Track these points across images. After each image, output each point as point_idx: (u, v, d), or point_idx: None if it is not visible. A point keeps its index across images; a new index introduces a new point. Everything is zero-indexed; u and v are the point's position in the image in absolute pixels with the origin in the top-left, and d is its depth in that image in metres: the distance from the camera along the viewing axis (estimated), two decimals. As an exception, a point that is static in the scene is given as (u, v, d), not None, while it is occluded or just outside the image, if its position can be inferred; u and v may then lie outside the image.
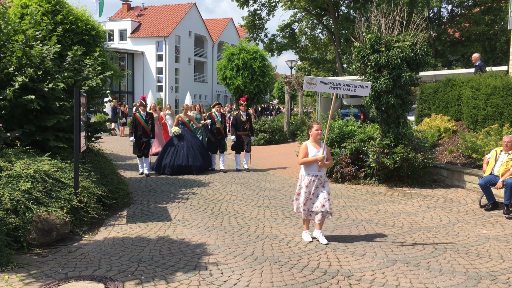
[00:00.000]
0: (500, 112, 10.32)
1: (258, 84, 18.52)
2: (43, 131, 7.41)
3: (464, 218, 7.25)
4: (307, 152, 5.83)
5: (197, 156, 11.45)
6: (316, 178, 5.83)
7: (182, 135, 11.55)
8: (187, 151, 11.33)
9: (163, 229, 6.49)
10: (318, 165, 5.79)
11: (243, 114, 11.84)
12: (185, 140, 11.51)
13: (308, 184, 5.83)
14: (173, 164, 11.13)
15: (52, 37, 7.80)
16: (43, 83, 7.15)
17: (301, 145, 5.89)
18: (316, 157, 5.77)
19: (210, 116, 12.06)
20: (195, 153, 11.46)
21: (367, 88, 6.21)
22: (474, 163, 9.87)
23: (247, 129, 11.91)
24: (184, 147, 11.38)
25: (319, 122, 6.09)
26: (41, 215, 5.57)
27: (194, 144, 11.64)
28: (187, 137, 11.60)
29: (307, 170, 5.87)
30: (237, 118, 11.87)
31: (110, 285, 4.46)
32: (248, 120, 11.88)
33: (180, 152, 11.30)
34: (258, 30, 37.38)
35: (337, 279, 4.71)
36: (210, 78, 55.49)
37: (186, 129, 11.76)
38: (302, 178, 5.91)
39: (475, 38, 30.28)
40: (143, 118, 10.90)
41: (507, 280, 4.70)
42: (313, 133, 5.90)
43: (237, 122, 11.81)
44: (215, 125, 11.83)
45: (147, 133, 10.92)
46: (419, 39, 9.27)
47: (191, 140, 11.64)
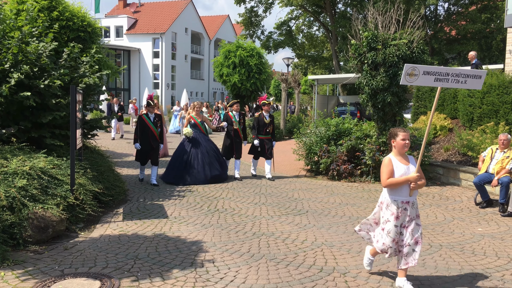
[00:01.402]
0: (495, 110, 10.37)
1: (255, 81, 18.51)
2: (39, 128, 7.39)
3: (459, 216, 7.28)
4: (392, 169, 4.33)
5: (213, 163, 9.84)
6: (408, 205, 4.33)
7: (195, 139, 9.94)
8: (202, 160, 9.75)
9: (160, 226, 6.49)
10: (410, 187, 4.31)
11: (266, 116, 10.39)
12: (200, 147, 9.87)
13: (398, 215, 4.32)
14: (186, 175, 9.62)
15: (49, 34, 7.78)
16: (39, 80, 7.13)
17: (383, 161, 4.43)
18: (408, 177, 4.27)
19: (227, 117, 10.52)
20: (211, 161, 9.84)
21: (481, 78, 4.75)
22: (469, 161, 9.92)
23: (269, 132, 10.48)
24: (198, 154, 9.80)
25: (405, 128, 4.54)
26: (37, 212, 5.56)
27: (209, 149, 10.00)
28: (201, 141, 9.97)
29: (395, 195, 4.34)
30: (260, 119, 10.40)
31: (106, 282, 4.47)
32: (271, 122, 10.46)
33: (193, 160, 9.75)
34: (254, 27, 37.37)
35: (333, 276, 4.73)
36: (206, 75, 55.45)
37: (198, 132, 10.08)
38: (388, 207, 4.38)
39: (472, 36, 30.37)
40: (151, 120, 9.35)
41: (502, 277, 4.73)
42: (398, 144, 4.40)
43: (259, 125, 10.35)
44: (232, 126, 10.37)
45: (155, 138, 9.40)
46: (416, 37, 9.30)
47: (206, 145, 9.98)
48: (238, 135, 10.45)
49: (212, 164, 9.80)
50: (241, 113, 10.62)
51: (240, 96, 19.14)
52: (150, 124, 9.32)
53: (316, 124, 11.98)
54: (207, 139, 10.21)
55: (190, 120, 10.08)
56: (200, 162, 9.70)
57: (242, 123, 10.52)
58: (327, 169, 10.36)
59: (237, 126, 10.40)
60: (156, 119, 9.45)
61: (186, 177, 9.56)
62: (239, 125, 10.45)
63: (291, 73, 22.42)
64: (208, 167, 9.71)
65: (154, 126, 9.34)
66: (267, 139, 10.44)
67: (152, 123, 9.34)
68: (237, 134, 10.42)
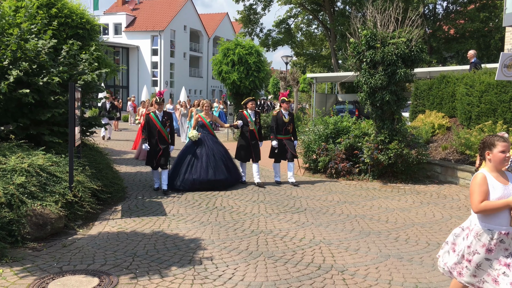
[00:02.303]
0: (493, 109, 10.39)
1: (254, 79, 18.50)
2: (37, 125, 7.38)
3: (457, 214, 7.31)
4: (487, 190, 3.37)
5: (219, 167, 8.91)
6: (507, 237, 3.37)
7: (201, 141, 9.06)
8: (206, 162, 8.84)
9: (158, 224, 6.50)
10: (510, 214, 3.35)
11: (285, 114, 9.53)
12: (205, 147, 8.99)
13: (491, 247, 3.37)
14: (188, 178, 8.71)
15: (48, 31, 7.77)
16: (38, 77, 7.12)
17: (475, 178, 3.44)
18: (508, 201, 3.31)
19: (242, 116, 9.54)
20: (217, 164, 8.92)
21: None
22: (467, 159, 9.94)
23: (290, 131, 9.61)
24: (203, 156, 8.88)
25: (505, 137, 3.54)
26: (35, 209, 5.56)
27: (216, 152, 9.07)
28: (208, 143, 9.08)
29: (489, 223, 3.39)
30: (278, 118, 9.50)
31: (104, 279, 4.48)
32: (291, 120, 9.59)
33: (197, 163, 8.83)
34: (253, 25, 37.33)
35: (331, 274, 4.75)
36: (205, 73, 55.41)
37: (207, 133, 9.21)
38: (477, 236, 3.42)
39: (470, 35, 30.40)
40: (159, 119, 8.61)
41: (499, 275, 4.75)
42: (495, 157, 3.42)
43: (277, 123, 9.48)
44: (248, 126, 9.41)
45: (164, 138, 8.63)
46: (414, 35, 9.31)
47: (213, 147, 9.08)
48: (255, 136, 9.48)
49: (217, 168, 8.86)
50: (256, 112, 9.63)
51: (239, 94, 19.12)
52: (158, 123, 8.58)
53: (315, 122, 11.99)
54: (215, 141, 9.31)
55: (198, 120, 9.24)
56: (204, 164, 8.79)
57: (258, 123, 9.57)
58: (325, 167, 10.38)
59: (253, 127, 9.43)
60: (165, 118, 8.70)
61: (186, 180, 8.71)
62: (255, 125, 9.49)
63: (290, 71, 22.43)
64: (212, 171, 8.77)
65: (162, 126, 8.60)
66: (287, 139, 9.60)
67: (161, 122, 8.59)
68: (253, 135, 9.45)
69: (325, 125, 11.09)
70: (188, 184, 8.67)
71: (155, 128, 8.56)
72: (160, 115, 8.65)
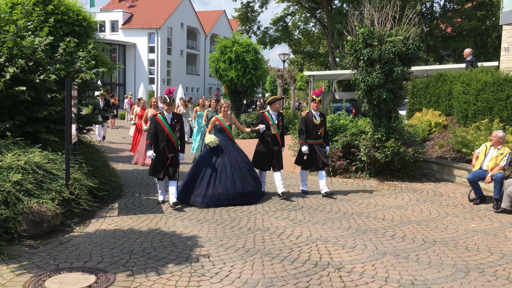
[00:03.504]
0: (490, 107, 10.42)
1: (251, 77, 18.50)
2: (34, 123, 7.37)
3: (453, 212, 7.34)
4: None
5: (246, 178, 7.72)
6: None
7: (221, 148, 7.81)
8: (231, 172, 7.63)
9: (155, 221, 6.50)
10: None
11: (316, 115, 8.34)
12: (227, 155, 7.76)
13: None
14: (212, 193, 7.43)
15: (44, 28, 7.74)
16: (35, 74, 7.10)
17: None
18: None
19: (263, 118, 8.21)
20: (243, 174, 7.72)
21: None
22: (464, 157, 9.97)
23: (321, 135, 8.40)
24: (226, 166, 7.66)
25: None
26: (32, 206, 5.55)
27: (240, 160, 7.84)
28: (229, 150, 7.84)
29: None
30: (307, 120, 8.32)
31: (101, 276, 4.48)
32: (322, 123, 8.41)
33: (221, 175, 7.60)
34: (250, 23, 37.29)
35: (328, 271, 4.76)
36: (202, 70, 55.32)
37: (226, 138, 7.96)
38: None
39: (467, 33, 30.46)
40: (168, 122, 7.36)
41: (495, 272, 4.78)
42: None
43: (307, 126, 8.29)
44: (270, 130, 8.13)
45: (173, 145, 7.38)
46: (412, 33, 9.31)
47: (236, 155, 7.86)
48: (277, 141, 8.22)
49: (244, 179, 7.69)
50: (279, 114, 8.36)
51: (236, 92, 19.11)
52: (167, 127, 7.31)
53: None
54: (236, 147, 8.06)
55: (215, 123, 7.97)
56: (230, 176, 7.58)
57: (281, 126, 8.32)
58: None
59: (275, 131, 8.16)
60: (175, 121, 7.41)
61: (211, 195, 7.43)
62: (278, 129, 8.23)
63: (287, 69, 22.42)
64: (240, 183, 7.59)
65: (171, 130, 7.33)
66: (318, 144, 8.35)
67: (170, 126, 7.33)
68: (275, 140, 8.19)
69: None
70: (214, 200, 7.40)
71: (163, 133, 7.30)
72: (169, 118, 7.39)
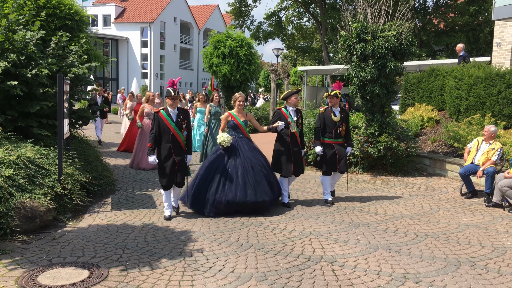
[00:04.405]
0: (482, 102, 10.49)
1: (244, 72, 18.45)
2: (26, 117, 7.32)
3: (445, 206, 7.39)
4: None
5: (260, 184, 6.66)
6: None
7: (234, 148, 6.81)
8: (243, 177, 6.60)
9: (148, 216, 6.49)
10: None
11: (335, 111, 7.40)
12: (240, 157, 6.75)
13: None
14: (219, 200, 6.48)
15: (36, 22, 7.67)
16: (26, 68, 7.05)
17: None
18: None
19: (280, 114, 7.21)
20: (257, 180, 6.67)
21: None
22: (456, 152, 10.04)
23: (341, 134, 7.46)
24: (238, 169, 6.65)
25: None
26: (24, 201, 5.53)
27: (255, 162, 6.79)
28: (243, 151, 6.83)
29: None
30: (325, 116, 7.40)
31: (95, 271, 4.47)
32: (343, 120, 7.43)
33: (231, 179, 6.59)
34: (244, 17, 37.21)
35: (321, 265, 4.79)
36: (195, 65, 55.13)
37: (240, 137, 6.97)
38: None
39: (460, 28, 30.55)
40: (173, 119, 6.30)
41: (486, 266, 4.83)
42: None
43: (325, 123, 7.39)
44: (288, 128, 7.14)
45: (180, 146, 6.36)
46: (404, 28, 9.34)
47: (250, 157, 6.81)
48: (296, 141, 7.20)
49: (259, 186, 6.63)
50: (298, 110, 7.37)
51: (229, 87, 19.05)
52: (172, 125, 6.26)
53: (305, 115, 12.01)
54: (253, 147, 7.01)
55: (228, 119, 7.01)
56: (240, 180, 6.57)
57: (300, 123, 7.34)
58: (315, 160, 10.40)
59: (294, 129, 7.16)
60: (181, 117, 6.36)
61: (218, 203, 6.49)
62: (297, 127, 7.26)
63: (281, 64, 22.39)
64: (252, 190, 6.55)
65: (177, 128, 6.30)
66: (338, 144, 7.41)
67: (175, 124, 6.29)
68: (294, 139, 7.17)
69: (316, 118, 11.10)
70: (221, 208, 6.52)
71: (167, 132, 6.25)
72: (174, 114, 6.33)
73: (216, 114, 10.74)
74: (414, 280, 4.42)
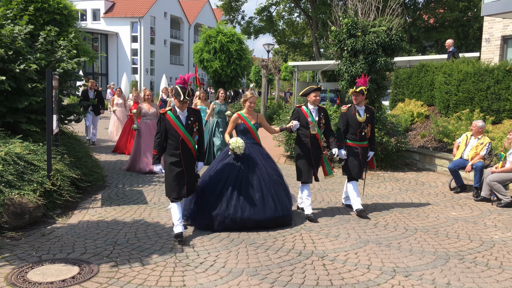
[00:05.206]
0: (471, 97, 10.58)
1: (235, 67, 18.42)
2: (14, 113, 7.23)
3: (434, 200, 7.46)
4: None
5: (281, 197, 5.90)
6: None
7: (246, 155, 5.90)
8: (260, 190, 5.76)
9: (139, 212, 6.47)
10: None
11: (360, 110, 6.59)
12: (256, 165, 5.90)
13: None
14: (233, 216, 5.61)
15: (24, 16, 7.58)
16: (14, 63, 6.96)
17: None
18: None
19: (299, 113, 6.36)
20: (277, 191, 5.88)
21: None
22: (445, 147, 10.13)
23: (366, 136, 6.64)
24: (253, 180, 5.79)
25: None
26: (13, 198, 5.48)
27: (271, 171, 5.98)
28: (258, 158, 5.96)
29: None
30: (349, 116, 6.59)
31: (85, 267, 4.45)
32: (369, 120, 6.61)
33: (245, 192, 5.72)
34: (235, 12, 37.10)
35: (311, 259, 4.81)
36: (186, 60, 54.87)
37: (251, 142, 6.04)
38: None
39: (449, 24, 30.75)
40: (182, 122, 5.38)
41: (474, 259, 4.88)
42: None
43: (348, 124, 6.58)
44: (308, 129, 6.29)
45: (191, 152, 5.45)
46: (395, 24, 9.38)
47: (266, 164, 5.98)
48: (318, 144, 6.37)
49: (280, 198, 5.87)
50: (321, 108, 6.48)
51: (220, 82, 19.00)
52: (181, 128, 5.34)
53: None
54: (266, 154, 6.15)
55: (237, 122, 6.05)
56: (258, 193, 5.74)
57: (323, 124, 6.45)
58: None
59: (315, 130, 6.29)
60: (192, 119, 5.43)
61: (232, 219, 5.62)
62: (319, 128, 6.38)
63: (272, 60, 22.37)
64: (272, 203, 5.75)
65: (187, 132, 5.37)
66: (362, 147, 6.60)
67: (184, 127, 5.37)
68: (315, 142, 6.33)
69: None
70: (236, 226, 5.65)
71: (176, 137, 5.35)
72: (184, 116, 5.42)
73: (220, 113, 10.07)
74: (403, 274, 4.46)
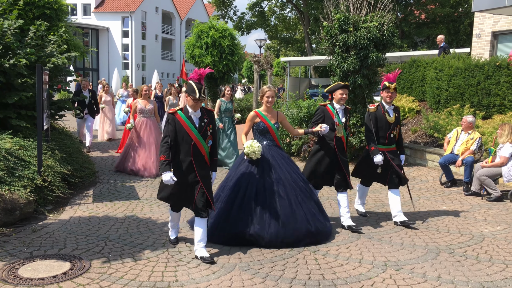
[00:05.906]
0: (461, 93, 10.65)
1: (227, 63, 18.36)
2: (4, 109, 7.16)
3: (425, 195, 7.52)
4: None
5: (310, 207, 5.20)
6: None
7: (266, 159, 5.19)
8: (288, 199, 5.06)
9: (131, 208, 6.45)
10: None
11: (389, 110, 5.90)
12: (278, 172, 5.16)
13: None
14: (262, 235, 4.91)
15: (13, 11, 7.50)
16: (4, 58, 6.89)
17: None
18: None
19: (325, 113, 5.72)
20: (306, 201, 5.19)
21: None
22: (436, 142, 10.20)
23: (394, 139, 5.98)
24: (275, 191, 5.06)
25: None
26: (3, 194, 5.44)
27: (297, 178, 5.28)
28: (280, 163, 5.25)
29: None
30: (378, 116, 5.86)
31: (76, 263, 4.44)
32: (398, 121, 5.96)
33: (272, 204, 5.00)
34: (226, 7, 36.94)
35: (304, 254, 4.83)
36: (178, 56, 54.66)
37: (270, 144, 5.34)
38: None
39: (440, 20, 30.87)
40: (195, 124, 4.68)
41: (464, 253, 4.94)
42: None
43: (377, 125, 5.86)
44: (334, 131, 5.66)
45: (204, 159, 4.74)
46: (386, 20, 9.39)
47: (290, 170, 5.27)
48: (343, 147, 5.74)
49: (309, 209, 5.16)
50: (347, 109, 5.89)
51: (212, 78, 18.93)
52: (193, 131, 4.65)
53: (288, 106, 12.03)
54: (288, 158, 5.45)
55: (255, 121, 5.33)
56: (279, 206, 5.00)
57: (348, 127, 6.06)
58: (298, 151, 10.46)
59: (341, 133, 5.69)
60: (205, 121, 4.74)
61: (257, 236, 4.92)
62: (345, 130, 5.77)
63: (264, 55, 22.33)
64: (303, 214, 5.06)
65: (200, 136, 4.67)
66: (390, 150, 5.91)
67: (197, 129, 4.67)
68: (341, 145, 5.70)
69: (299, 108, 11.14)
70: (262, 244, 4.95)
71: (187, 142, 4.65)
72: (196, 117, 4.71)
73: (227, 111, 9.39)
74: (395, 268, 4.49)
